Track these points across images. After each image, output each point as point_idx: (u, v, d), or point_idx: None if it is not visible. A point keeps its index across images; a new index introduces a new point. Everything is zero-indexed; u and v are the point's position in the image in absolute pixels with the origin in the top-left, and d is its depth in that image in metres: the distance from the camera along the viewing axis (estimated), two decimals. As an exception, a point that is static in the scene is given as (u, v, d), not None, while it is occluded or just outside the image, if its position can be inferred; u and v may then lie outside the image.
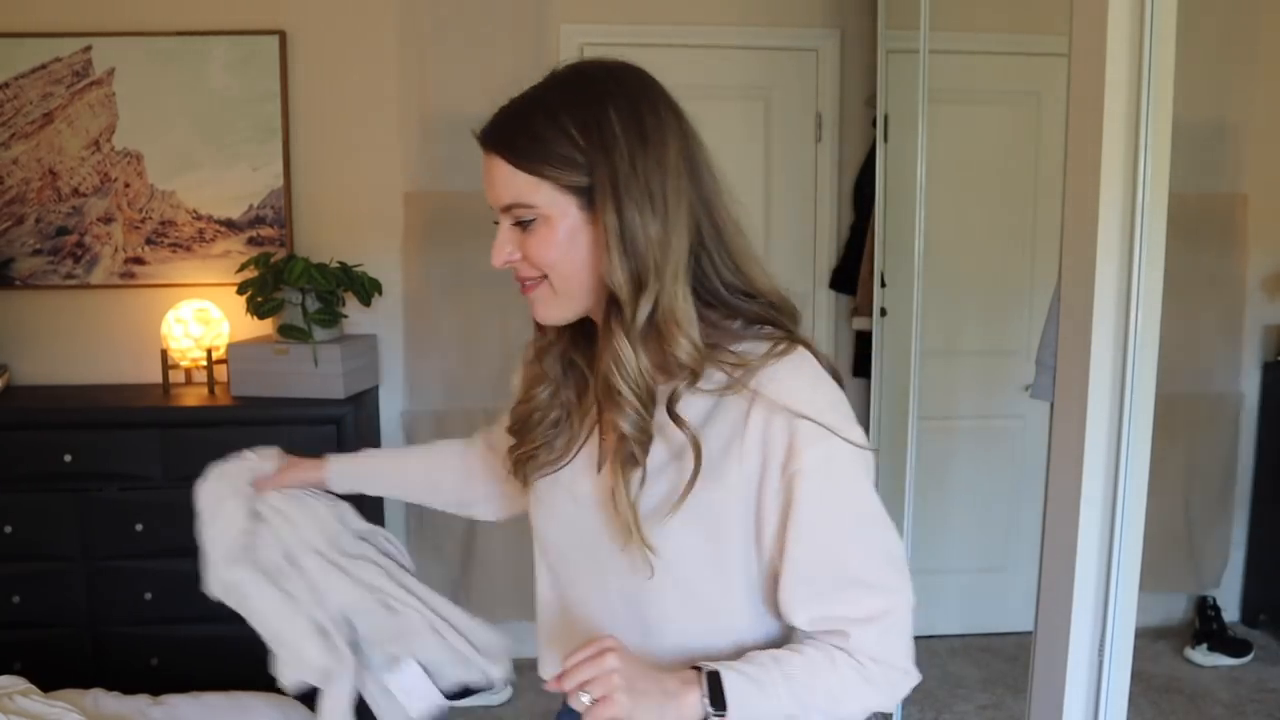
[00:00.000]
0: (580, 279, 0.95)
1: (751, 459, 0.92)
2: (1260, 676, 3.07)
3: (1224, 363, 3.31)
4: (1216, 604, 3.26)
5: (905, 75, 2.71)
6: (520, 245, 0.96)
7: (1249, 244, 3.25)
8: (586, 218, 0.93)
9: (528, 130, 0.93)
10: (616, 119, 0.92)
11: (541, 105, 0.95)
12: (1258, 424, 3.35)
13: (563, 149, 0.92)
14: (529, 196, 0.93)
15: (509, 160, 0.93)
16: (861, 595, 0.92)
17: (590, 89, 0.95)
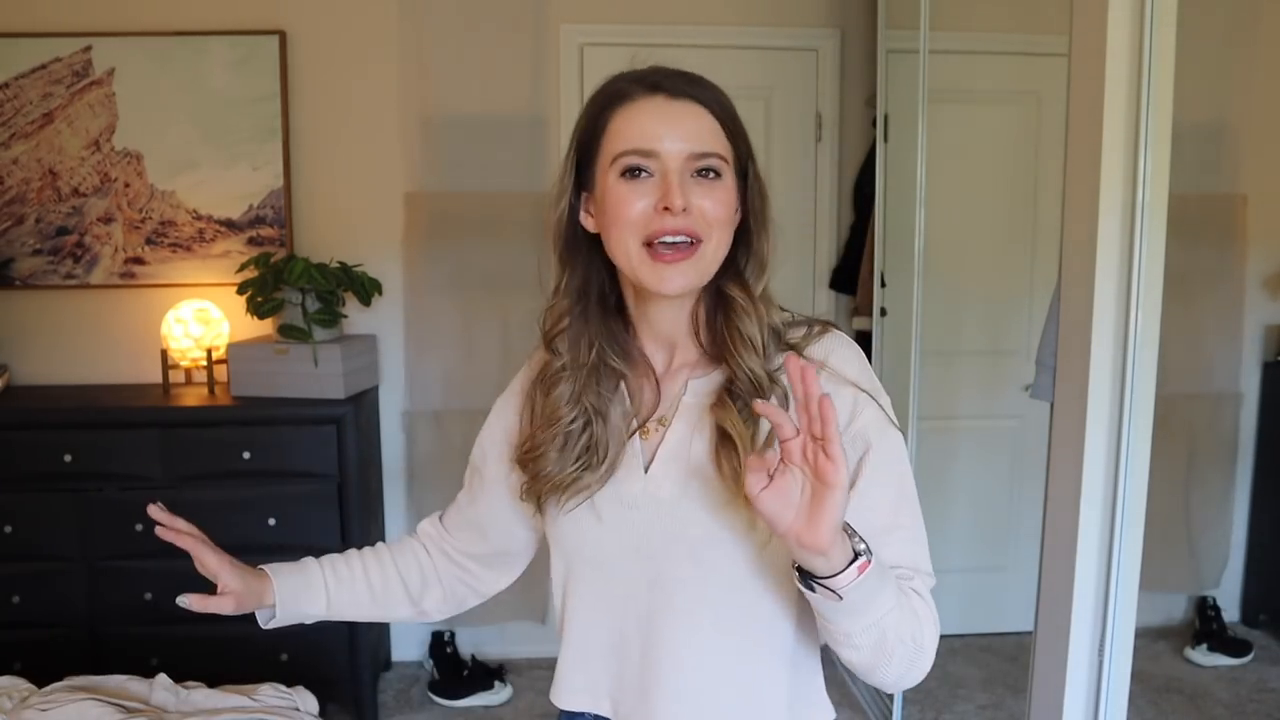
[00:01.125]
0: (725, 251, 0.98)
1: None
2: (1260, 676, 3.07)
3: (1224, 362, 3.30)
4: (1216, 604, 3.26)
5: (905, 75, 2.71)
6: (700, 199, 0.95)
7: (1249, 244, 3.25)
8: (737, 195, 0.99)
9: (721, 96, 0.99)
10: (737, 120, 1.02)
11: (708, 81, 1.00)
12: (1258, 424, 3.35)
13: (742, 127, 1.00)
14: (725, 151, 0.97)
15: (715, 113, 0.97)
16: (919, 549, 1.03)
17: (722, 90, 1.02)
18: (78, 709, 1.84)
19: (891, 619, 0.90)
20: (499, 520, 1.15)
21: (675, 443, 1.00)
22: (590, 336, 1.03)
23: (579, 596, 1.06)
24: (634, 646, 1.01)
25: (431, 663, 3.11)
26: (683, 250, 0.94)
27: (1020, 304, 3.21)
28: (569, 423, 1.01)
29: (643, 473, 1.00)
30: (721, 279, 1.00)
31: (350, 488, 2.73)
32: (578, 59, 3.10)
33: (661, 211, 0.93)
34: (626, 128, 0.95)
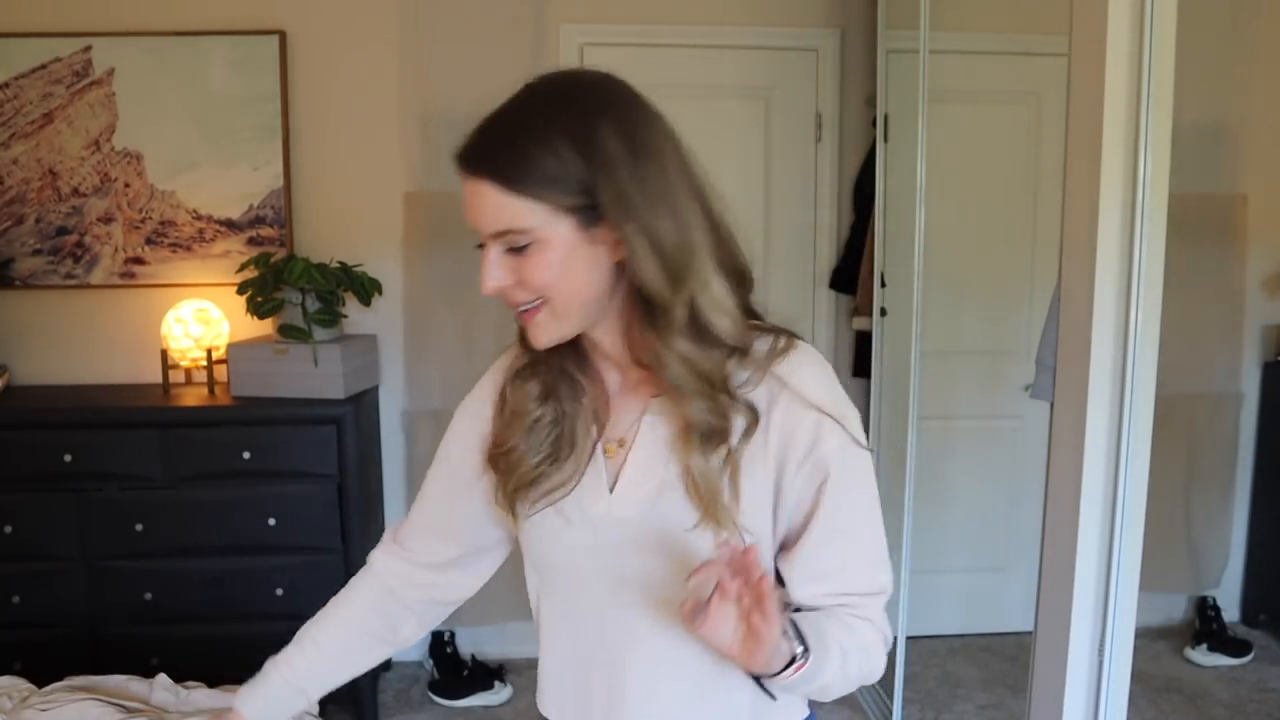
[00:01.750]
0: (581, 297, 0.94)
1: (774, 447, 0.95)
2: (1260, 676, 3.07)
3: (1224, 362, 3.31)
4: (1216, 604, 3.26)
5: (905, 75, 2.71)
6: (514, 270, 0.93)
7: (1249, 244, 3.25)
8: (584, 236, 0.91)
9: (517, 153, 0.90)
10: (611, 133, 0.91)
11: (527, 125, 0.91)
12: (1258, 424, 3.35)
13: (558, 170, 0.89)
14: (524, 221, 0.90)
15: (501, 185, 0.90)
16: (876, 572, 1.00)
17: (577, 104, 0.92)
18: (78, 709, 1.85)
19: (836, 677, 0.94)
20: (471, 520, 1.15)
21: (640, 464, 0.99)
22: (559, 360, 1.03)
23: (549, 608, 1.07)
24: (601, 664, 1.02)
25: (431, 663, 3.11)
26: (531, 311, 0.95)
27: (1020, 304, 3.21)
28: (535, 418, 1.02)
29: (608, 493, 1.00)
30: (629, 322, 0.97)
31: (350, 488, 2.73)
32: (578, 59, 3.10)
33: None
34: None
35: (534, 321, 0.95)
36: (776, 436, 0.95)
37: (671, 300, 0.91)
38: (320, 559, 2.73)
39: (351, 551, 2.74)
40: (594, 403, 1.03)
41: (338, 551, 2.74)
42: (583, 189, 0.89)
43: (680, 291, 0.91)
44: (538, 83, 0.96)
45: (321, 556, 2.73)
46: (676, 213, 0.92)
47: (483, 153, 0.92)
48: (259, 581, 2.71)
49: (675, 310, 0.92)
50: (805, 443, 0.94)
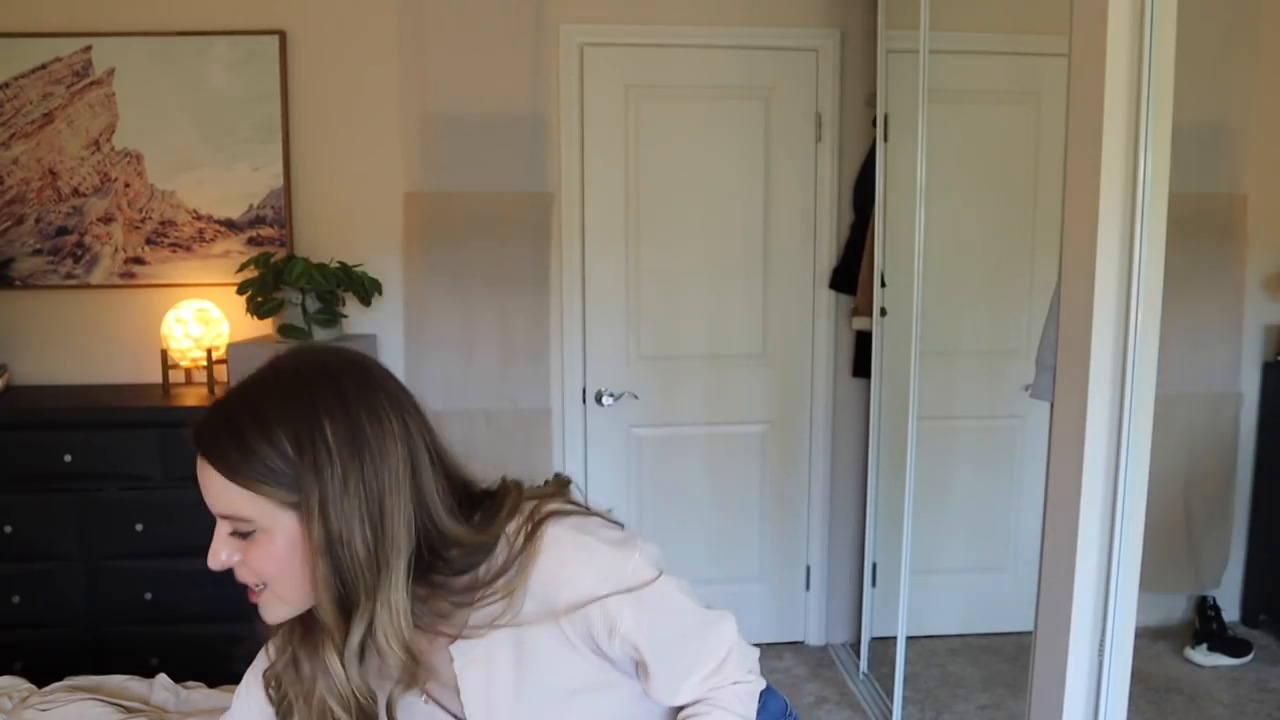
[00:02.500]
0: (304, 588, 0.93)
1: (584, 648, 1.00)
2: (1260, 676, 3.07)
3: (1224, 363, 3.30)
4: (1216, 604, 3.25)
5: (905, 75, 2.71)
6: (241, 551, 0.93)
7: (1249, 244, 3.24)
8: (303, 532, 0.91)
9: (241, 443, 0.89)
10: (331, 433, 0.89)
11: (257, 415, 0.90)
12: (1258, 424, 3.35)
13: (275, 465, 0.89)
14: (245, 509, 0.90)
15: (223, 473, 0.90)
16: (714, 648, 1.06)
17: (306, 397, 0.91)
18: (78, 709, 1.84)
19: None
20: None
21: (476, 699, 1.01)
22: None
23: None
24: None
25: (431, 663, 3.11)
26: (256, 591, 0.96)
27: (1020, 304, 3.21)
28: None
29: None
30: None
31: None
32: (578, 59, 3.10)
33: None
34: None
35: (261, 601, 0.96)
36: (576, 636, 0.98)
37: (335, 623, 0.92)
38: (320, 559, 2.73)
39: (351, 551, 2.74)
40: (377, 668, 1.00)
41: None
42: (297, 489, 0.89)
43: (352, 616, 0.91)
44: (284, 362, 0.95)
45: (321, 556, 2.73)
46: (375, 530, 0.90)
47: (210, 435, 0.91)
48: (259, 581, 2.71)
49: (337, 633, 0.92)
50: (603, 631, 0.98)
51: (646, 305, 3.23)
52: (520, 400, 3.16)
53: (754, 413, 3.33)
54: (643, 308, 3.23)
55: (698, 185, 3.17)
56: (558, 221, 3.15)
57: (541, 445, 3.20)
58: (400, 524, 0.91)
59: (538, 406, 3.18)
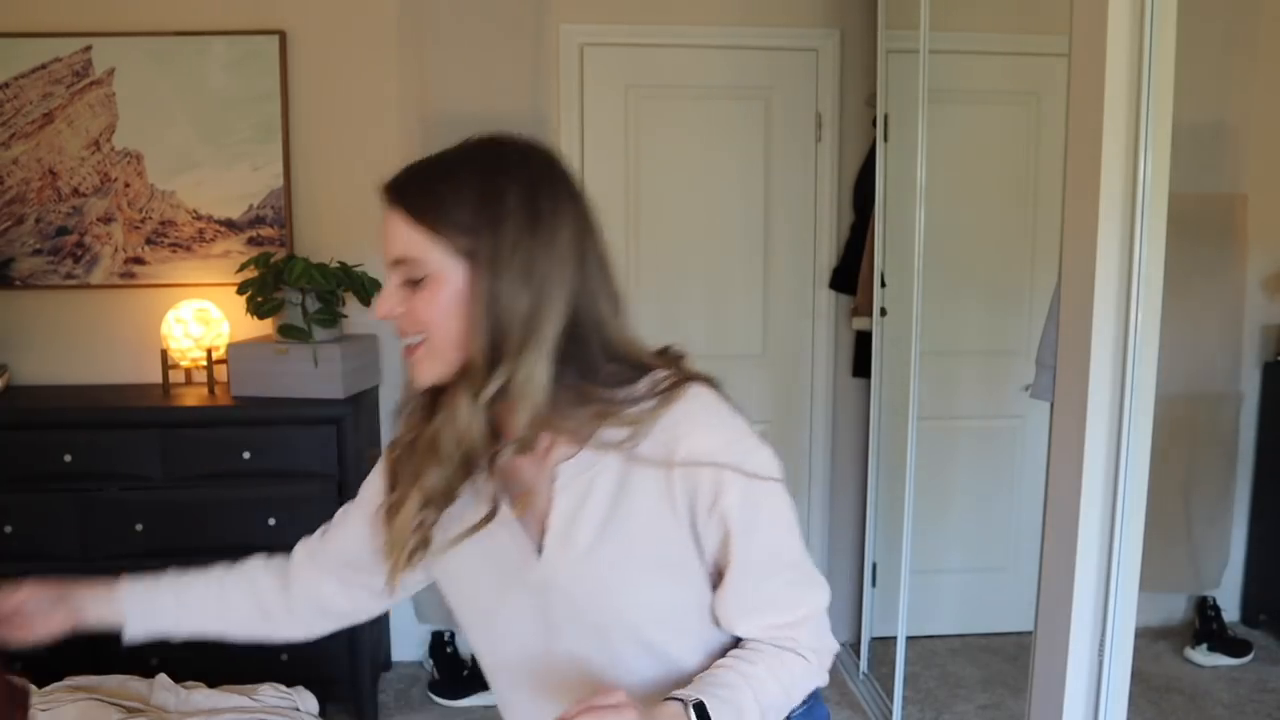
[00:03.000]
0: (459, 343, 0.96)
1: (681, 510, 0.97)
2: (1260, 676, 3.07)
3: (1224, 363, 3.31)
4: (1216, 604, 3.26)
5: (905, 75, 2.71)
6: (406, 302, 0.97)
7: (1249, 244, 3.25)
8: (469, 284, 0.94)
9: (430, 190, 0.95)
10: (513, 195, 0.94)
11: (447, 169, 0.97)
12: (1258, 424, 3.35)
13: (458, 213, 0.93)
14: (421, 253, 0.94)
15: (407, 215, 0.94)
16: (797, 601, 1.03)
17: (497, 162, 0.97)
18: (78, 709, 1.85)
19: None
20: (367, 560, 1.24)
21: (562, 524, 1.00)
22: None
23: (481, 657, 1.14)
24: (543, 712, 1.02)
25: (431, 663, 3.11)
26: (414, 348, 0.98)
27: (1020, 304, 3.21)
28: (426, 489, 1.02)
29: (535, 555, 1.01)
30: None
31: (350, 488, 2.72)
32: (578, 59, 3.10)
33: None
34: None
35: (414, 358, 0.98)
36: (680, 492, 0.97)
37: (481, 367, 0.94)
38: (320, 559, 2.73)
39: (351, 551, 2.74)
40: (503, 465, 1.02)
41: (338, 551, 2.74)
42: (474, 238, 0.93)
43: (497, 365, 0.94)
44: (478, 137, 1.02)
45: (321, 556, 2.73)
46: (537, 292, 0.94)
47: (402, 184, 0.97)
48: (259, 581, 2.71)
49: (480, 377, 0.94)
50: (707, 498, 0.96)
51: (646, 305, 3.23)
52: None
53: (754, 412, 3.29)
54: (642, 307, 3.21)
55: (698, 185, 3.17)
56: (558, 221, 3.15)
57: (541, 445, 3.20)
58: (558, 299, 0.95)
59: (538, 406, 3.18)
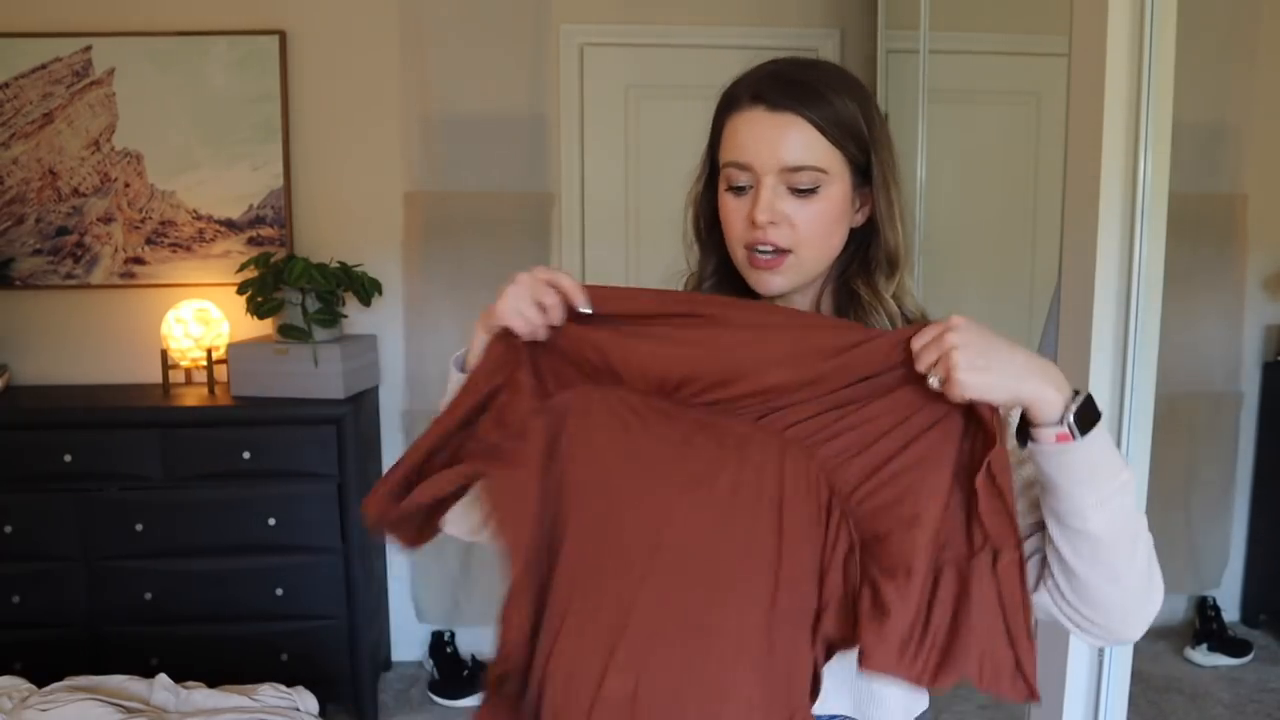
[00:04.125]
0: (826, 257, 1.00)
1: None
2: (1260, 676, 3.07)
3: (1224, 363, 3.30)
4: (1216, 604, 3.25)
5: (905, 75, 2.71)
6: (792, 212, 0.96)
7: (1249, 244, 3.24)
8: (853, 197, 0.99)
9: (830, 102, 0.96)
10: (881, 122, 1.00)
11: (831, 85, 0.97)
12: (1258, 424, 3.35)
13: (859, 129, 0.96)
14: (825, 162, 0.95)
15: (815, 124, 0.95)
16: None
17: (860, 86, 1.00)
18: (78, 709, 1.85)
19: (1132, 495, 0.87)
20: None
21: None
22: None
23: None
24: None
25: (431, 663, 3.11)
26: (774, 257, 0.98)
27: (1020, 304, 3.21)
28: None
29: None
30: (850, 274, 1.03)
31: (350, 488, 2.73)
32: (578, 59, 3.10)
33: (751, 224, 0.97)
34: (732, 138, 0.99)
35: (773, 270, 0.98)
36: None
37: (901, 264, 1.01)
38: (320, 559, 2.73)
39: (351, 551, 2.74)
40: None
41: (338, 551, 2.74)
42: (864, 152, 0.98)
43: (905, 261, 1.01)
44: (812, 59, 1.04)
45: (321, 556, 2.73)
46: (903, 193, 1.02)
47: (797, 93, 0.96)
48: (259, 581, 2.71)
49: (897, 275, 1.01)
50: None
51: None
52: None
53: (754, 413, 3.33)
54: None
55: (698, 185, 3.17)
56: (558, 221, 3.15)
57: (541, 445, 3.20)
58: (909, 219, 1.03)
59: (538, 406, 3.18)
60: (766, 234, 0.96)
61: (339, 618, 2.75)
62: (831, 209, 0.97)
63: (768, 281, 0.99)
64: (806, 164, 0.95)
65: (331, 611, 2.74)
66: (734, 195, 0.99)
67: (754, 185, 0.96)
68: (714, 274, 1.08)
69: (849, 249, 1.03)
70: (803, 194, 0.96)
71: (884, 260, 1.01)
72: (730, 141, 0.99)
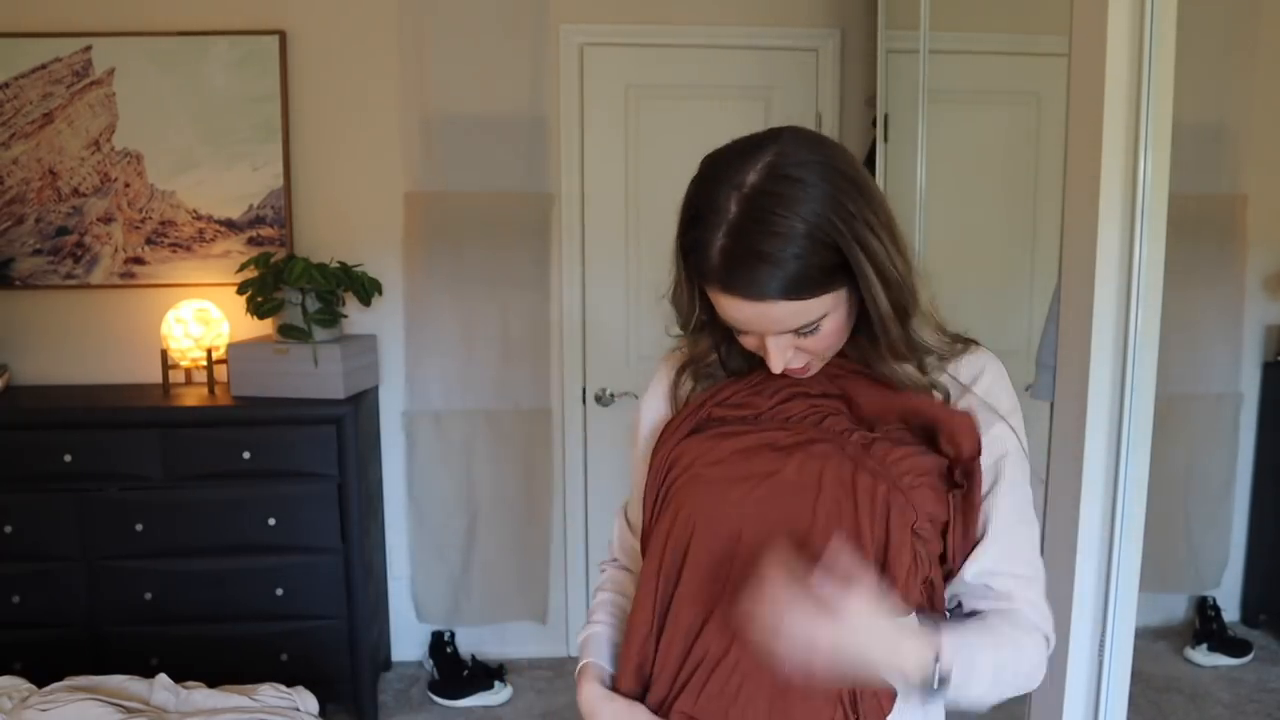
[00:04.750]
0: (841, 341, 1.03)
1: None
2: (1260, 676, 3.07)
3: (1224, 363, 3.30)
4: (1216, 604, 3.25)
5: (905, 75, 2.71)
6: (801, 346, 1.00)
7: (1249, 244, 3.24)
8: (851, 292, 0.99)
9: (801, 262, 0.93)
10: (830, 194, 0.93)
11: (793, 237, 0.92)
12: (1258, 424, 3.35)
13: (827, 263, 0.94)
14: (818, 313, 0.97)
15: (795, 298, 0.94)
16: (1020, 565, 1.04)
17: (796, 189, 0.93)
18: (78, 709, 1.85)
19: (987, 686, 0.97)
20: None
21: None
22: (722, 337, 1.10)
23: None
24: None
25: (431, 663, 3.11)
26: (800, 370, 1.04)
27: (1020, 304, 3.21)
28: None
29: None
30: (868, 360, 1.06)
31: (350, 488, 2.73)
32: (578, 59, 3.10)
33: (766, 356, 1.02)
34: (719, 306, 0.99)
35: (802, 373, 1.04)
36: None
37: (897, 331, 1.00)
38: (320, 559, 2.73)
39: (351, 551, 2.74)
40: None
41: (338, 551, 2.74)
42: (837, 264, 0.95)
43: (908, 320, 1.01)
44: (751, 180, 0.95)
45: (321, 556, 2.73)
46: (895, 241, 0.97)
47: (763, 280, 0.94)
48: (259, 581, 2.71)
49: (895, 334, 1.00)
50: (992, 450, 1.03)
51: (646, 305, 3.23)
52: (520, 400, 3.17)
53: (754, 413, 3.32)
54: (643, 308, 3.23)
55: (698, 185, 3.16)
56: (558, 221, 3.15)
57: (541, 445, 3.20)
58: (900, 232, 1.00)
59: (538, 406, 3.19)
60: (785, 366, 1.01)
61: (339, 618, 2.75)
62: (839, 323, 1.00)
63: (799, 374, 1.04)
64: (803, 323, 0.97)
65: (331, 611, 2.75)
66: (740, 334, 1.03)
67: (759, 336, 1.01)
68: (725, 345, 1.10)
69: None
70: (806, 335, 0.99)
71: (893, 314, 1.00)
72: (719, 307, 0.99)
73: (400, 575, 3.21)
